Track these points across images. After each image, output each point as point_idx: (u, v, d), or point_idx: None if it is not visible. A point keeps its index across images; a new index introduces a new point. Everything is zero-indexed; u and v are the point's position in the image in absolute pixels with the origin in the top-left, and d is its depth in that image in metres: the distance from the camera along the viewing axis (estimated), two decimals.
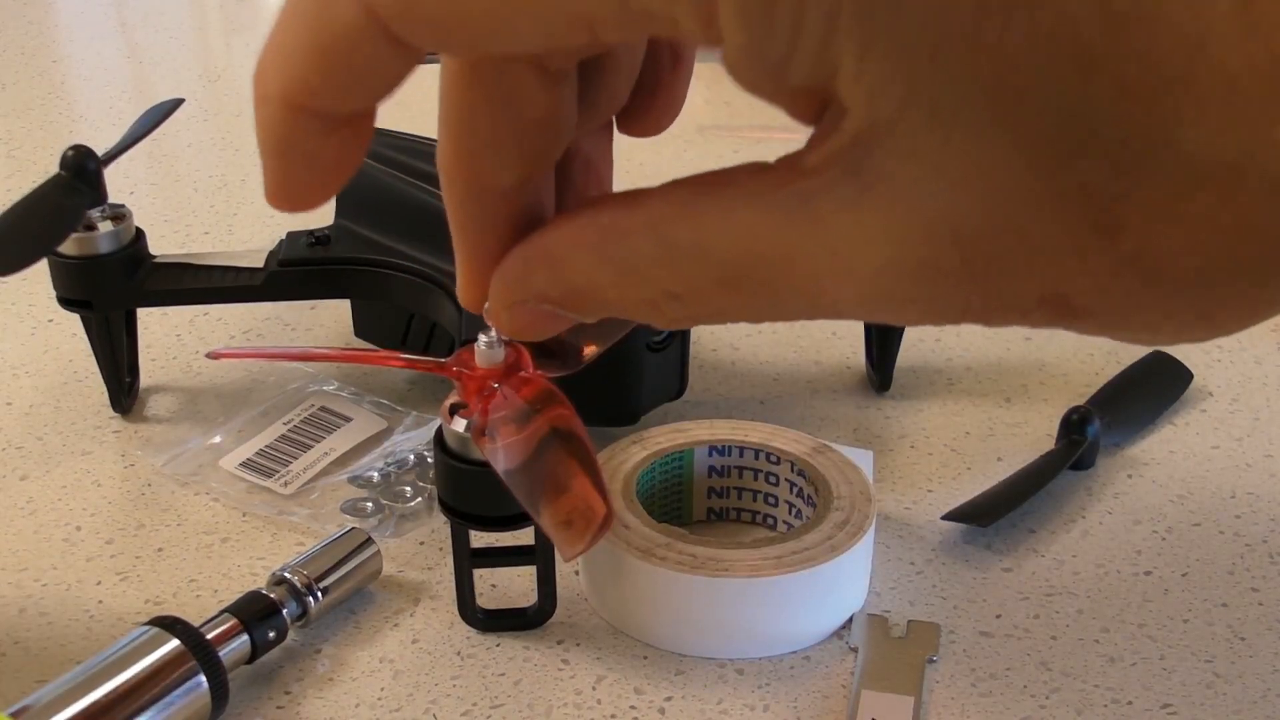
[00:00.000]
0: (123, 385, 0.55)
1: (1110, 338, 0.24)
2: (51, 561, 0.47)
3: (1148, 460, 0.53)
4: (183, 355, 0.60)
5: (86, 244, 0.52)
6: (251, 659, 0.41)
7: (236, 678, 0.41)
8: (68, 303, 0.53)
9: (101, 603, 0.45)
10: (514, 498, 0.41)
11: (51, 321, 0.63)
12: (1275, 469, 0.53)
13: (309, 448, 0.53)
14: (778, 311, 0.24)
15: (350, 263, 0.54)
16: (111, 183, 0.53)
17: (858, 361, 0.60)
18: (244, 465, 0.52)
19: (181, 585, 0.46)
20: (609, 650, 0.43)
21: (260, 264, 0.54)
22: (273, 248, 0.55)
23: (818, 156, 0.22)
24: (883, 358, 0.57)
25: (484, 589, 0.45)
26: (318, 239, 0.55)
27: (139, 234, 0.53)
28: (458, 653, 0.43)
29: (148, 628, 0.39)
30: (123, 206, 0.53)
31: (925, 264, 0.21)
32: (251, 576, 0.46)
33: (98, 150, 0.53)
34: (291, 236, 0.55)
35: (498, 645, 0.43)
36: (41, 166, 0.82)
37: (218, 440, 0.53)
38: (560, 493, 0.33)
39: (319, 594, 0.43)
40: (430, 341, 0.54)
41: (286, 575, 0.43)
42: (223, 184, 0.80)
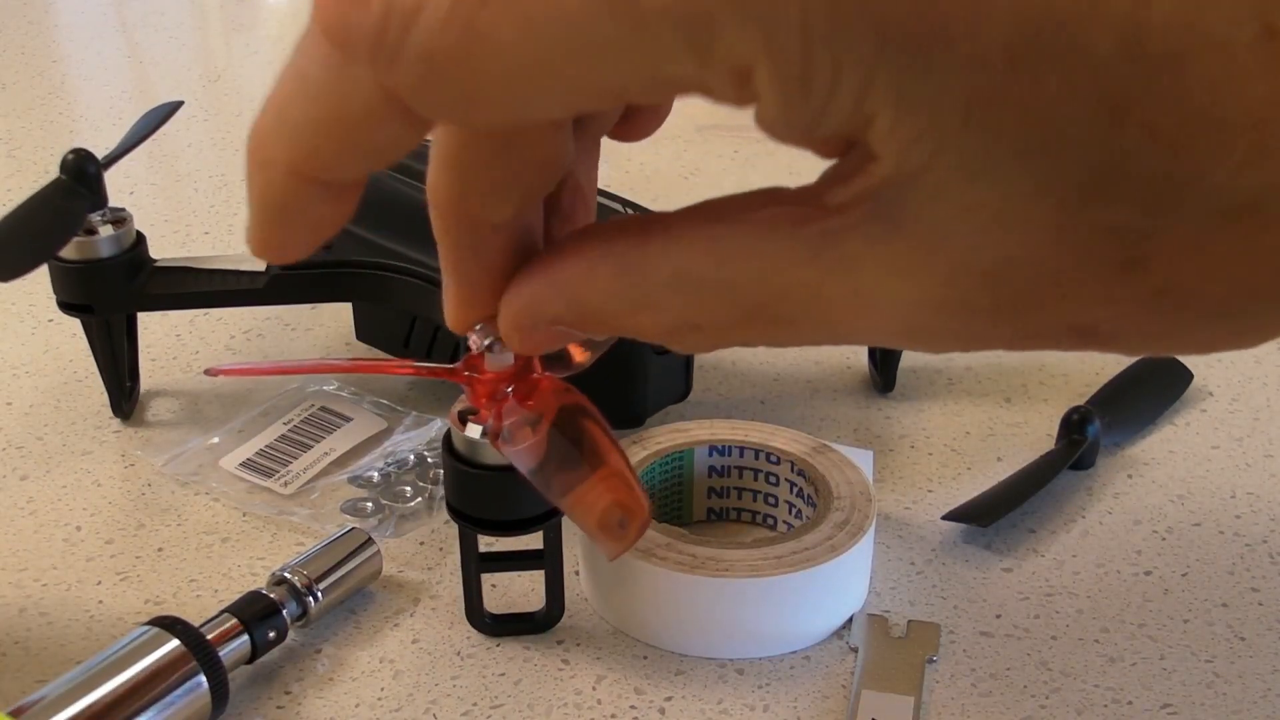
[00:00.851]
0: (123, 390, 0.55)
1: (1137, 356, 0.24)
2: (51, 561, 0.47)
3: (1148, 460, 0.53)
4: (183, 355, 0.60)
5: (87, 248, 0.52)
6: (251, 659, 0.41)
7: (236, 678, 0.41)
8: (68, 307, 0.53)
9: (101, 603, 0.45)
10: (523, 502, 0.41)
11: (51, 321, 0.63)
12: (1275, 469, 0.53)
13: (309, 448, 0.53)
14: (797, 340, 0.24)
15: (352, 266, 0.54)
16: (111, 183, 0.53)
17: (858, 361, 0.60)
18: (244, 465, 0.52)
19: (181, 585, 0.46)
20: (609, 650, 0.43)
21: (261, 267, 0.54)
22: None
23: (845, 195, 0.22)
24: (886, 359, 0.57)
25: (484, 589, 0.45)
26: None
27: (140, 238, 0.53)
28: (458, 653, 0.43)
29: (148, 628, 0.39)
30: (123, 210, 0.53)
31: (953, 302, 0.21)
32: (251, 576, 0.46)
33: (97, 153, 0.53)
34: None
35: (498, 645, 0.43)
36: (42, 167, 0.82)
37: (217, 440, 0.53)
38: (592, 490, 0.33)
39: (319, 594, 0.43)
40: (433, 345, 0.54)
41: (286, 575, 0.43)
42: (223, 184, 0.80)
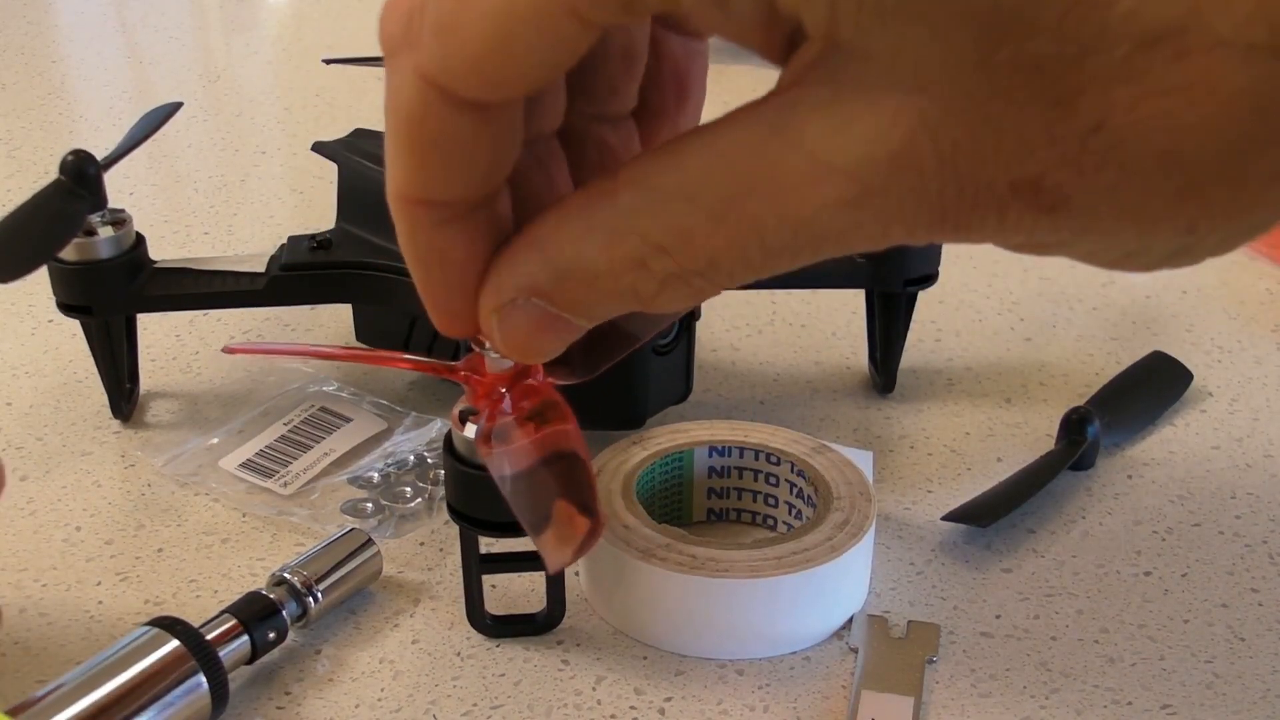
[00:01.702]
0: (123, 391, 0.55)
1: (1094, 252, 0.24)
2: (51, 562, 0.47)
3: (1148, 460, 0.53)
4: (182, 356, 0.60)
5: (87, 249, 0.52)
6: (251, 659, 0.41)
7: (236, 678, 0.41)
8: (68, 308, 0.53)
9: (101, 603, 0.45)
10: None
11: (51, 322, 0.63)
12: (1275, 469, 0.53)
13: (309, 448, 0.53)
14: (765, 251, 0.24)
15: (352, 266, 0.54)
16: (111, 184, 0.53)
17: (858, 362, 0.60)
18: (244, 466, 0.52)
19: (181, 585, 0.46)
20: (609, 651, 0.43)
21: (262, 268, 0.54)
22: (274, 252, 0.55)
23: (790, 73, 0.23)
24: (886, 359, 0.57)
25: (484, 590, 0.45)
26: (319, 243, 0.54)
27: (139, 239, 0.53)
28: (458, 653, 0.43)
29: (148, 628, 0.39)
30: (123, 211, 0.53)
31: (899, 155, 0.22)
32: (251, 577, 0.46)
33: (97, 154, 0.52)
34: (293, 240, 0.55)
35: (498, 646, 0.43)
36: (41, 167, 0.82)
37: (217, 441, 0.53)
38: (551, 506, 0.33)
39: (319, 595, 0.43)
40: (432, 346, 0.54)
41: (286, 576, 0.43)
42: (223, 184, 0.80)
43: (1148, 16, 0.20)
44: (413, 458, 0.52)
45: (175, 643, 0.39)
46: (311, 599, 0.43)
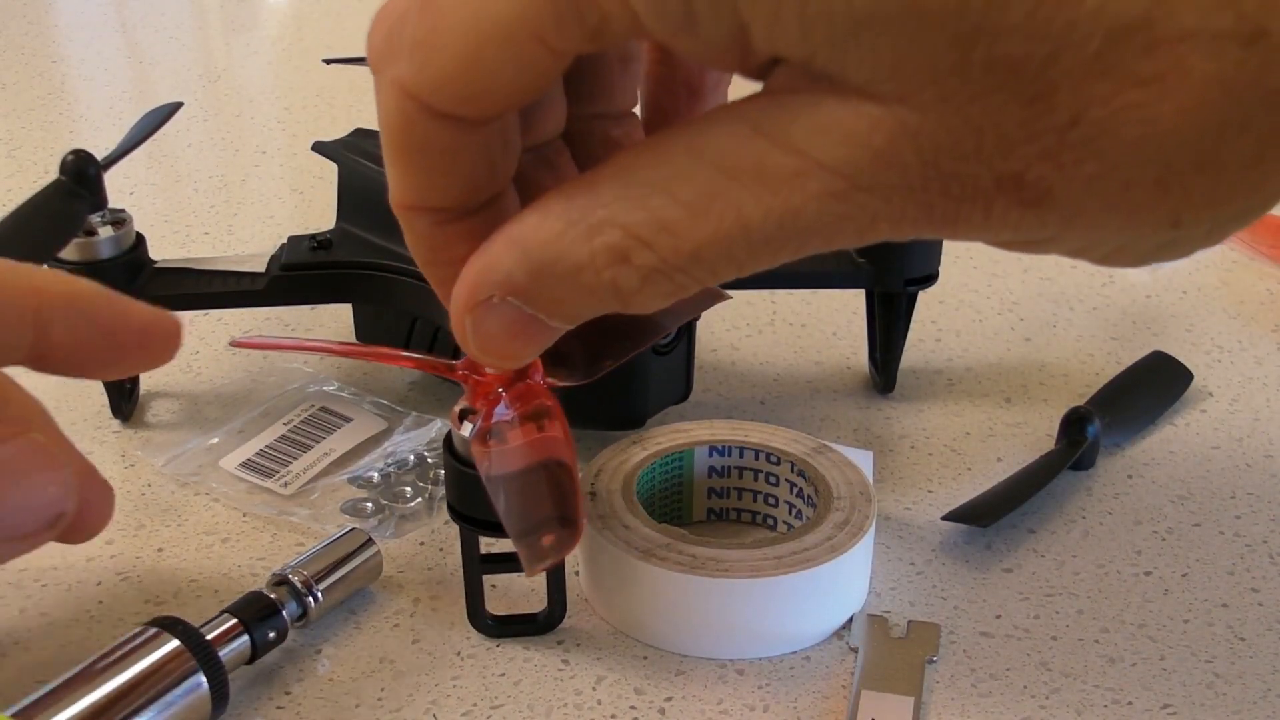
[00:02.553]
0: (123, 391, 0.55)
1: (1084, 247, 0.24)
2: (51, 562, 0.47)
3: (1148, 460, 0.53)
4: (182, 356, 0.60)
5: (87, 249, 0.52)
6: (251, 659, 0.41)
7: (236, 678, 0.41)
8: None
9: (101, 603, 0.45)
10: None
11: None
12: (1275, 469, 0.53)
13: (309, 448, 0.53)
14: (749, 244, 0.24)
15: (353, 266, 0.54)
16: (111, 183, 0.53)
17: (858, 362, 0.60)
18: (244, 466, 0.52)
19: (181, 585, 0.46)
20: (609, 651, 0.43)
21: (262, 269, 0.54)
22: (274, 252, 0.55)
23: (777, 79, 0.23)
24: (886, 359, 0.57)
25: (484, 590, 0.45)
26: (320, 243, 0.54)
27: (139, 239, 0.53)
28: (458, 653, 0.43)
29: (148, 628, 0.39)
30: (123, 211, 0.53)
31: (882, 154, 0.22)
32: (251, 577, 0.46)
33: (97, 154, 0.53)
34: (293, 240, 0.55)
35: (498, 646, 0.43)
36: (42, 167, 0.82)
37: (217, 441, 0.53)
38: (532, 512, 0.33)
39: (319, 594, 0.43)
40: (433, 346, 0.54)
41: (287, 575, 0.43)
42: (223, 184, 0.80)
43: (1116, 11, 0.20)
44: (413, 458, 0.52)
45: (176, 642, 0.39)
46: (312, 599, 0.43)
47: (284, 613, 0.42)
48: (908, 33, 0.21)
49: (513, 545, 0.33)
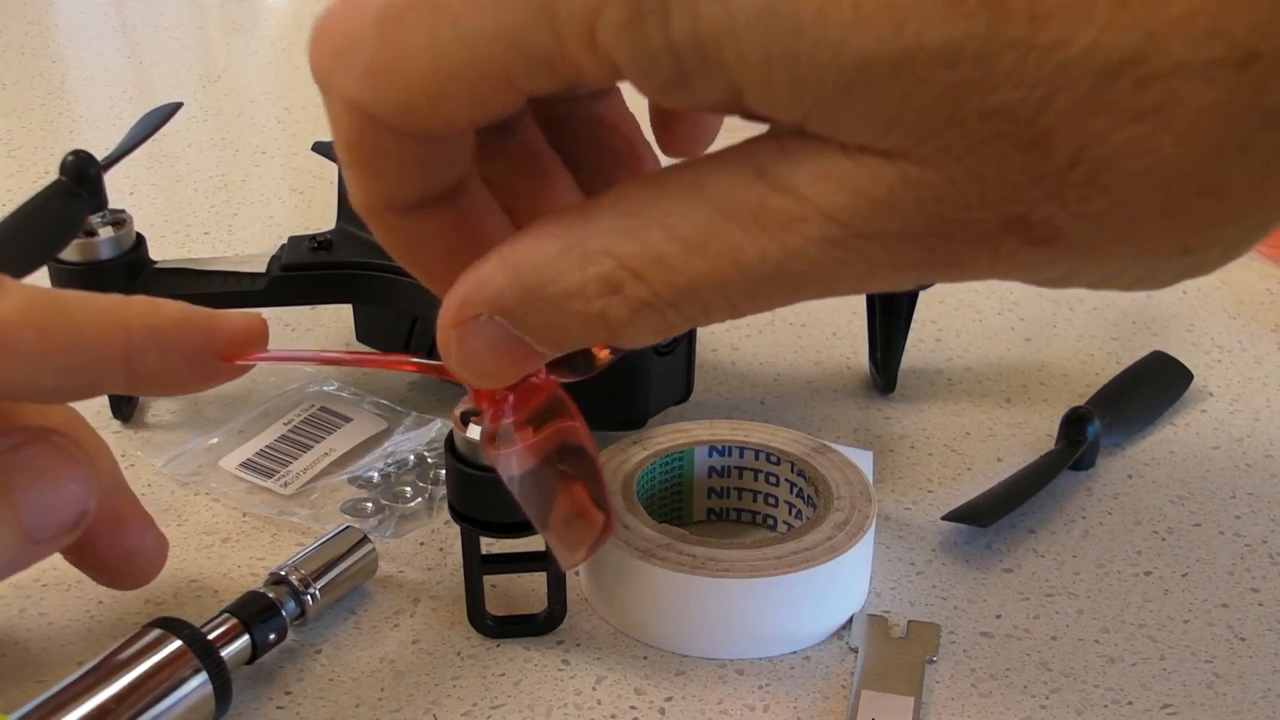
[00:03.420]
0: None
1: (1102, 280, 0.24)
2: (52, 561, 0.47)
3: (1148, 460, 0.53)
4: None
5: (87, 250, 0.52)
6: (252, 659, 0.41)
7: (236, 678, 0.41)
8: None
9: (101, 603, 0.45)
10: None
11: None
12: (1275, 469, 0.53)
13: (309, 448, 0.53)
14: (745, 285, 0.24)
15: (353, 267, 0.54)
16: (111, 183, 0.53)
17: (858, 362, 0.60)
18: (244, 465, 0.52)
19: (182, 585, 0.46)
20: (609, 651, 0.43)
21: (262, 269, 0.54)
22: (274, 252, 0.55)
23: (773, 129, 0.23)
24: (887, 359, 0.57)
25: (485, 590, 0.45)
26: (320, 243, 0.54)
27: (140, 239, 0.53)
28: (458, 653, 0.43)
29: (150, 628, 0.39)
30: (123, 212, 0.53)
31: (883, 204, 0.22)
32: (251, 577, 0.46)
33: (97, 154, 0.53)
34: (293, 241, 0.55)
35: (498, 646, 0.43)
36: (42, 167, 0.82)
37: (217, 441, 0.53)
38: (562, 504, 0.33)
39: (316, 593, 0.43)
40: (433, 347, 0.54)
41: (284, 574, 0.43)
42: (223, 184, 0.80)
43: (1106, 50, 0.20)
44: (413, 458, 0.52)
45: (178, 643, 0.39)
46: (309, 597, 0.43)
47: (283, 612, 0.42)
48: (899, 89, 0.21)
49: (534, 544, 0.32)
